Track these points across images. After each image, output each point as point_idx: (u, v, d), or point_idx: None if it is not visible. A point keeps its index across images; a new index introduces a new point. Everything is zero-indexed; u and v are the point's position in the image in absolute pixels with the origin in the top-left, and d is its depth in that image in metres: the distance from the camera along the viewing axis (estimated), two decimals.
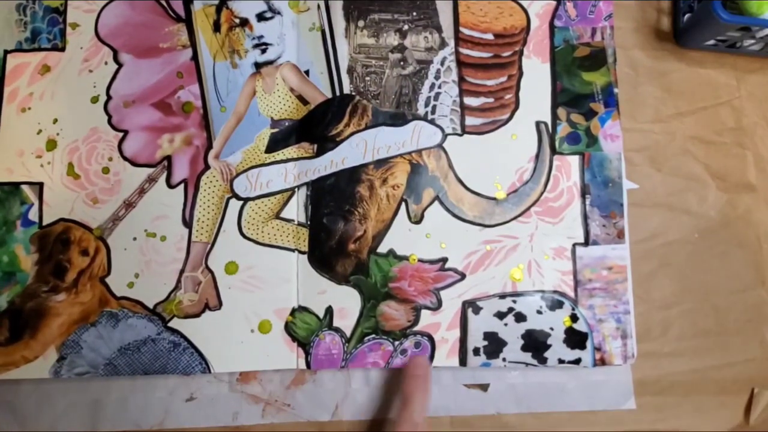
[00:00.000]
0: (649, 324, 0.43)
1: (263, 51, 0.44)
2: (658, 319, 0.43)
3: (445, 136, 0.43)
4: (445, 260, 0.42)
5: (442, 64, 0.44)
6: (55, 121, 0.43)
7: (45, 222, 0.42)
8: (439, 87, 0.43)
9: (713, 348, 0.43)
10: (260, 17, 0.45)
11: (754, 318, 0.44)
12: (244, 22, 0.44)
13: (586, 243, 0.42)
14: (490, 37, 0.44)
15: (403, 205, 0.42)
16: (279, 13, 0.45)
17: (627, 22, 0.46)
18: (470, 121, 0.43)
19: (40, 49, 0.44)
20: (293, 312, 0.41)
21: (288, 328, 0.41)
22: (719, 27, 0.41)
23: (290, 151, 0.43)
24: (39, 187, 0.43)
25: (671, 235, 0.44)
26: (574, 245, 0.42)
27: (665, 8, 0.47)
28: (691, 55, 0.46)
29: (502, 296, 0.41)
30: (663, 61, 0.46)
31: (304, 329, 0.41)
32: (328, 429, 0.42)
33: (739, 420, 0.42)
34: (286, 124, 0.43)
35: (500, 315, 0.41)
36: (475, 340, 0.41)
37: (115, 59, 0.44)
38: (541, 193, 0.43)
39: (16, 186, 0.43)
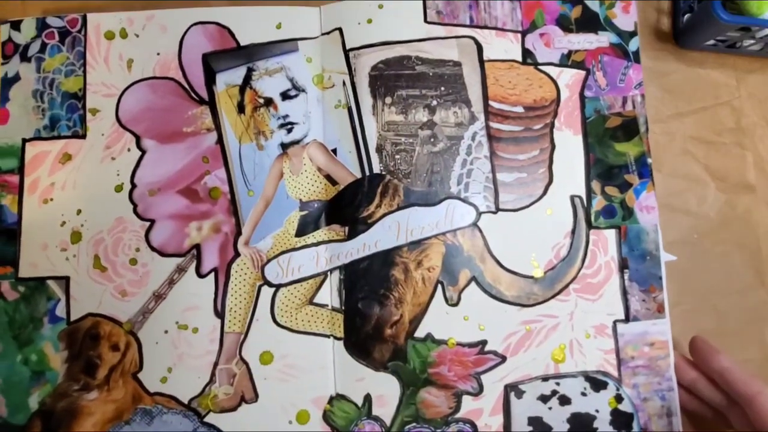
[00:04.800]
0: None
1: (289, 131, 0.43)
2: None
3: (479, 214, 0.42)
4: (484, 343, 0.41)
5: (472, 139, 0.43)
6: (79, 212, 0.42)
7: (73, 317, 0.41)
8: (471, 163, 0.43)
9: None
10: (284, 96, 0.44)
11: (754, 318, 0.44)
12: (269, 102, 0.44)
13: (627, 319, 0.41)
14: (520, 109, 0.43)
15: (439, 287, 0.41)
16: (303, 90, 0.44)
17: None
18: (504, 197, 0.42)
19: (59, 137, 0.43)
20: (331, 400, 0.41)
21: (326, 417, 0.40)
22: (719, 27, 0.41)
23: (321, 234, 0.42)
24: (65, 281, 0.42)
25: (671, 235, 0.43)
26: (615, 322, 0.41)
27: (665, 8, 0.47)
28: (691, 55, 0.46)
29: (545, 379, 0.41)
30: (663, 61, 0.46)
31: (343, 418, 0.40)
32: None
33: None
34: (315, 205, 0.42)
35: (544, 398, 0.40)
36: (520, 425, 0.40)
37: (138, 145, 0.43)
38: (579, 270, 0.42)
39: (41, 281, 0.42)
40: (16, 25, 0.44)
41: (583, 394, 0.40)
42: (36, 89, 0.44)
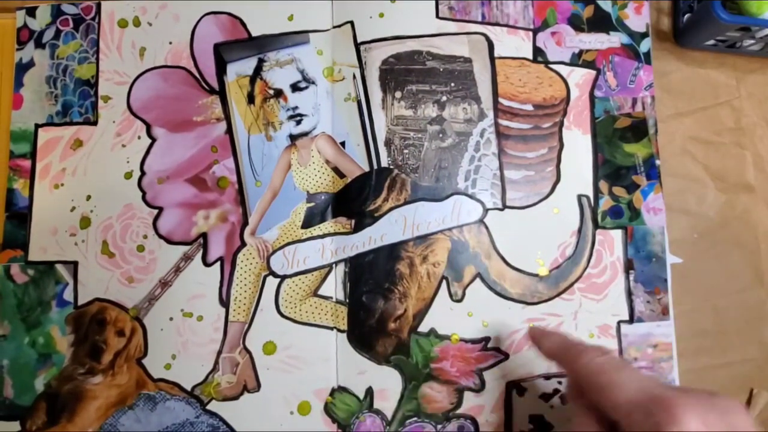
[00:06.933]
0: None
1: (298, 122, 0.43)
2: None
3: (485, 210, 0.42)
4: (487, 339, 0.41)
5: (481, 136, 0.43)
6: (89, 197, 0.43)
7: (80, 302, 0.42)
8: (479, 160, 0.43)
9: (712, 348, 0.43)
10: (294, 87, 0.44)
11: (753, 318, 0.44)
12: (279, 93, 0.44)
13: (631, 320, 0.41)
14: (529, 108, 0.43)
15: (444, 282, 0.41)
16: (313, 82, 0.44)
17: None
18: (511, 194, 0.42)
19: (71, 123, 0.44)
20: (333, 392, 0.41)
21: (328, 409, 0.41)
22: (719, 27, 0.41)
23: (327, 226, 0.42)
24: (73, 266, 0.42)
25: (670, 235, 0.43)
26: (619, 323, 0.41)
27: (665, 8, 0.47)
28: (691, 55, 0.46)
29: (547, 377, 0.41)
30: (663, 61, 0.46)
31: (344, 410, 0.41)
32: None
33: None
34: (322, 197, 0.43)
35: (545, 396, 0.40)
36: (521, 423, 0.40)
37: (148, 133, 0.43)
38: (585, 269, 0.42)
39: (50, 265, 0.42)
40: (31, 12, 0.45)
41: None
42: (49, 75, 0.44)
